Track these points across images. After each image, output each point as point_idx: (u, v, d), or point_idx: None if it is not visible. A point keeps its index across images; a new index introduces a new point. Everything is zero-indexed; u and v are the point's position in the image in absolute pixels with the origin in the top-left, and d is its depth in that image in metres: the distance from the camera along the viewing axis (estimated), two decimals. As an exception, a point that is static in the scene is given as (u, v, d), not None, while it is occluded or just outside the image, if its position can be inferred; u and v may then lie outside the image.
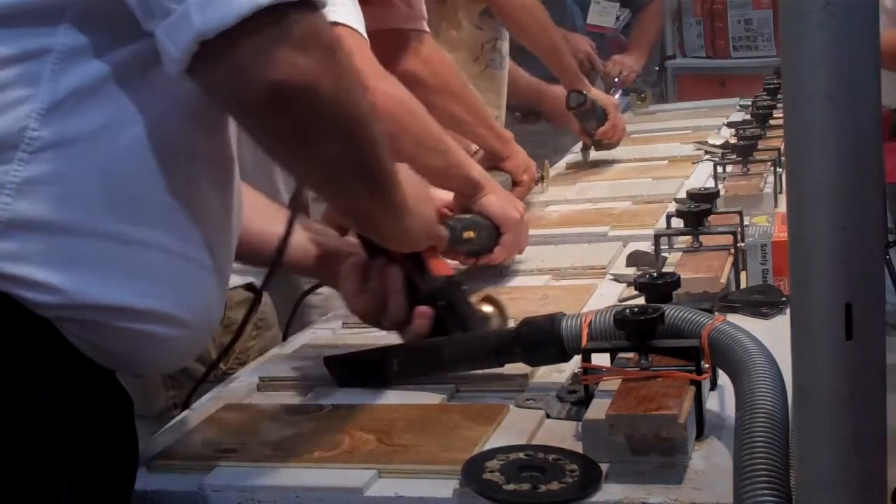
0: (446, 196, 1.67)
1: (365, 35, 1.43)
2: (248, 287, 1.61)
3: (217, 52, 0.86)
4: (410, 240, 1.21)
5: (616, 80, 3.54)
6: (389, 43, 1.80)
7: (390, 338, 1.30)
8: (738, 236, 1.50)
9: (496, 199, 1.63)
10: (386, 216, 1.13)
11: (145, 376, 1.47)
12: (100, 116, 0.90)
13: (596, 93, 2.68)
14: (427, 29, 1.93)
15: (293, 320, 1.48)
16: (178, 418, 1.20)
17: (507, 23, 2.58)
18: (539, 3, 2.57)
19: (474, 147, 2.02)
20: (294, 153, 0.98)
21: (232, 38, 0.85)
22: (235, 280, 1.42)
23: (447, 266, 1.31)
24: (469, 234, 1.57)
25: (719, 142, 2.65)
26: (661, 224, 1.70)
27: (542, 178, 2.19)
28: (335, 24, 1.34)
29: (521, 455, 0.97)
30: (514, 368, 1.17)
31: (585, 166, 2.65)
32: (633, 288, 1.35)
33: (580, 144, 2.75)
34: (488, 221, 1.61)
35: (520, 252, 1.68)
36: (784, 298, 1.36)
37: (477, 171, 1.64)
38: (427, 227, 1.24)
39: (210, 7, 0.85)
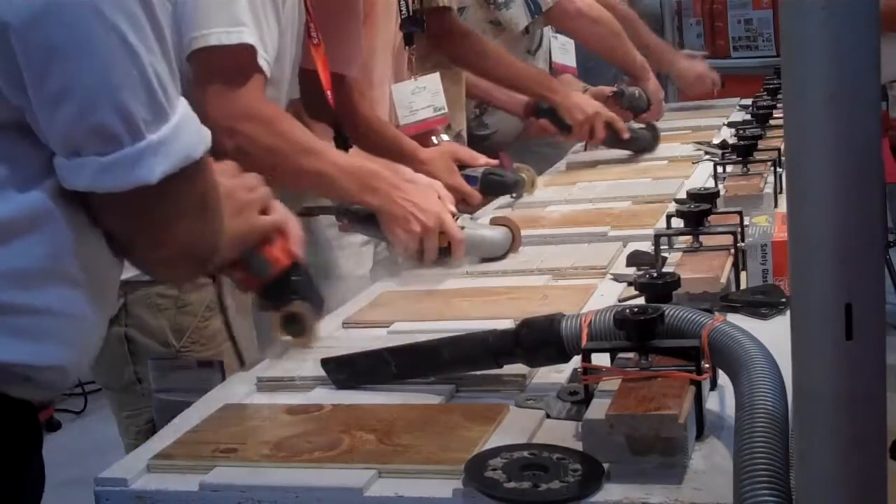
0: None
1: (263, 62, 1.54)
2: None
3: (107, 197, 0.96)
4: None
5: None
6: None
7: (389, 339, 1.30)
8: (738, 236, 1.50)
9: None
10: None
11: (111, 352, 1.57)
12: None
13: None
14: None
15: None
16: (177, 418, 1.20)
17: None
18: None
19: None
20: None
21: (122, 194, 0.95)
22: None
23: (285, 256, 1.33)
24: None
25: (716, 141, 2.65)
26: (661, 224, 1.70)
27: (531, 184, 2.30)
28: (244, 45, 1.50)
29: (526, 454, 0.97)
30: (514, 368, 1.16)
31: (585, 166, 2.66)
32: (633, 288, 1.35)
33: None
34: None
35: None
36: (785, 299, 1.35)
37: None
38: (239, 236, 1.24)
39: (107, 172, 0.93)
